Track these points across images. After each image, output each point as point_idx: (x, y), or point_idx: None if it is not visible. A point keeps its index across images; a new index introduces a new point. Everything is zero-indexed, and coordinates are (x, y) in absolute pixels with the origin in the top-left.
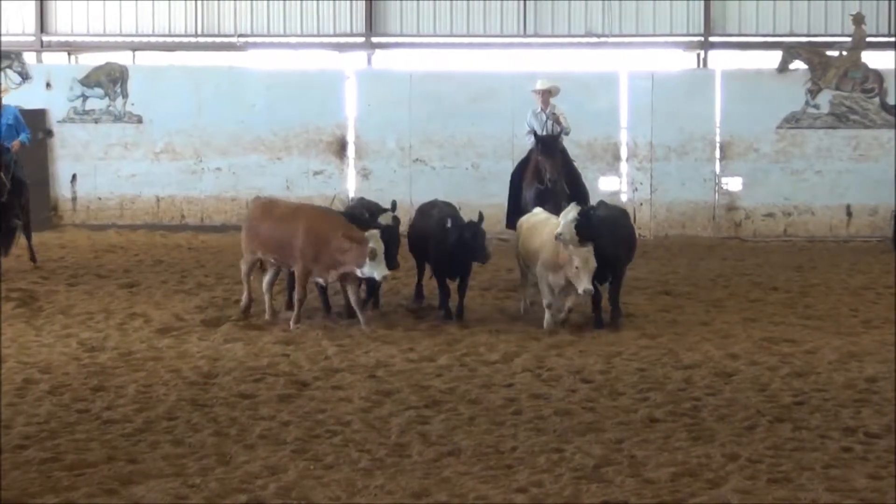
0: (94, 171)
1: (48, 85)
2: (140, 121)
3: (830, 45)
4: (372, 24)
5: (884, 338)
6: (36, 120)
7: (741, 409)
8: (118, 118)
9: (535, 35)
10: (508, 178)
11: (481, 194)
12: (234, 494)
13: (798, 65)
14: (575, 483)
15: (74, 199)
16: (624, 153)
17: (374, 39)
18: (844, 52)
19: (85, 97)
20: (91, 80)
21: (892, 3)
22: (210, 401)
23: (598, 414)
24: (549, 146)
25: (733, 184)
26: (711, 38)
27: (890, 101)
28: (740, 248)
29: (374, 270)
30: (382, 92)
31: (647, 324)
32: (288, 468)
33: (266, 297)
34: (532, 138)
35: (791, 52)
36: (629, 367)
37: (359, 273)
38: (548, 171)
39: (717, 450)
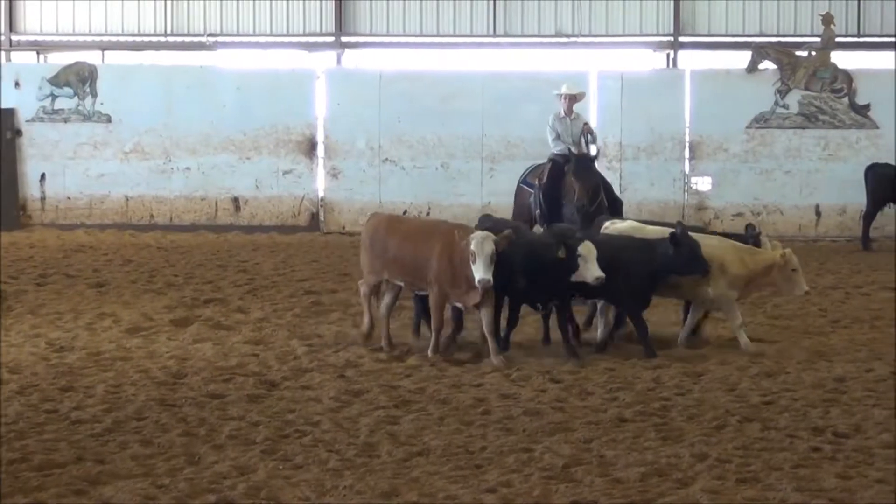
0: (63, 170)
1: (17, 84)
2: (109, 120)
3: (800, 46)
4: (342, 24)
5: (853, 337)
6: (4, 119)
7: (710, 408)
8: (87, 117)
9: (505, 35)
10: (480, 178)
11: (451, 194)
12: (203, 494)
13: (767, 65)
14: (544, 483)
15: (43, 198)
16: (592, 152)
17: (344, 39)
18: (814, 53)
19: (54, 96)
20: (60, 79)
21: (861, 3)
22: (179, 401)
23: (567, 414)
24: (582, 167)
25: (703, 183)
26: (681, 38)
27: (859, 101)
28: None
29: (475, 274)
30: (352, 91)
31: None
32: (257, 468)
33: (384, 323)
34: (557, 146)
35: (760, 52)
36: (598, 367)
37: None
38: (577, 195)
39: (687, 449)
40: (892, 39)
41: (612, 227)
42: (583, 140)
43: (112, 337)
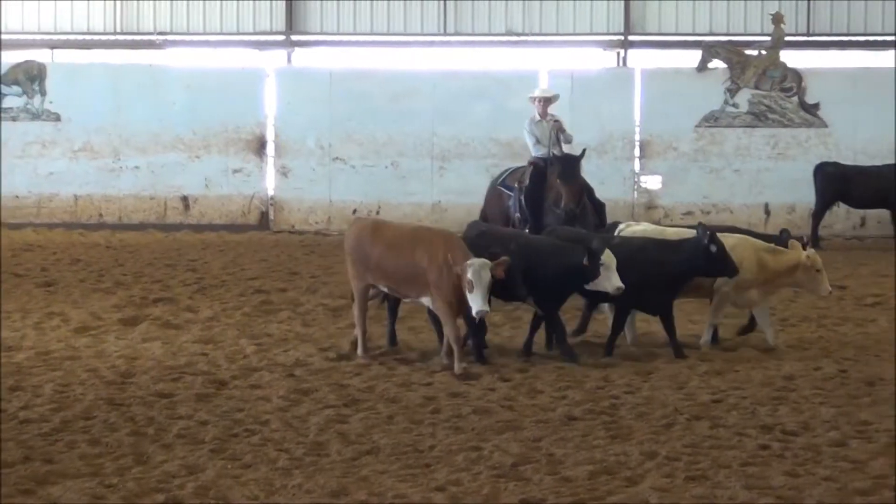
0: (12, 169)
1: None
2: (58, 119)
3: (749, 45)
4: (292, 23)
5: (801, 335)
6: None
7: (659, 406)
8: (36, 116)
9: (456, 34)
10: (430, 177)
11: (401, 193)
12: (151, 494)
13: (717, 64)
14: (493, 481)
15: None
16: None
17: (294, 37)
18: (763, 52)
19: (2, 95)
20: (9, 77)
21: (810, 3)
22: (127, 400)
23: (516, 412)
24: (568, 169)
25: (652, 182)
26: (631, 37)
27: (808, 100)
28: None
29: (472, 304)
30: (302, 90)
31: (567, 321)
32: (206, 467)
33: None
34: (538, 149)
35: (710, 51)
36: (547, 366)
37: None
38: (564, 198)
39: (635, 448)
40: (842, 38)
41: (627, 229)
42: (556, 139)
43: (60, 336)
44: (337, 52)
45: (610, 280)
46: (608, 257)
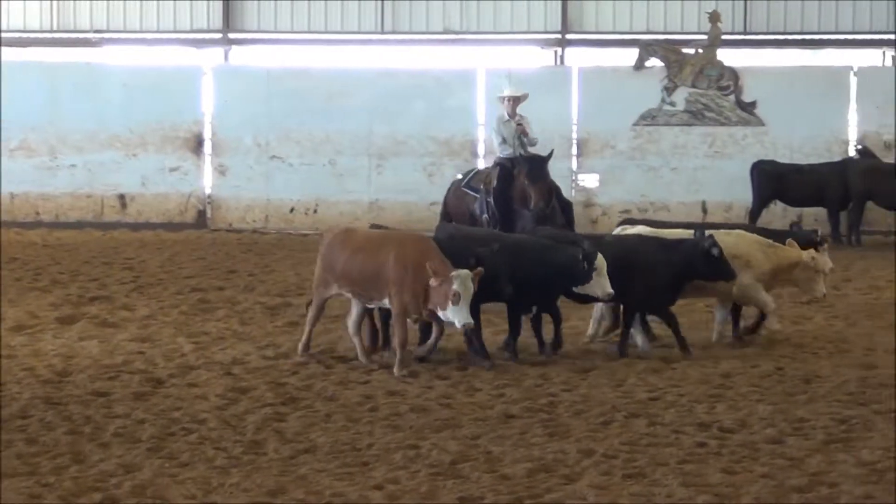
0: None
1: None
2: None
3: (687, 43)
4: (229, 21)
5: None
6: None
7: (597, 404)
8: None
9: (393, 32)
10: (367, 175)
11: (339, 191)
12: (88, 493)
13: (654, 62)
14: (431, 479)
15: None
16: (482, 150)
17: (231, 35)
18: (700, 50)
19: None
20: None
21: (747, 1)
22: (64, 399)
23: (454, 410)
24: (535, 170)
25: (590, 181)
26: (569, 36)
27: (745, 98)
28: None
29: (456, 317)
30: (240, 88)
31: (502, 321)
32: (143, 466)
33: (356, 340)
34: (504, 149)
35: (647, 49)
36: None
37: (440, 315)
38: (532, 199)
39: (573, 445)
40: (778, 37)
41: (623, 231)
42: (519, 141)
43: None
44: (274, 51)
45: (601, 284)
46: (600, 262)
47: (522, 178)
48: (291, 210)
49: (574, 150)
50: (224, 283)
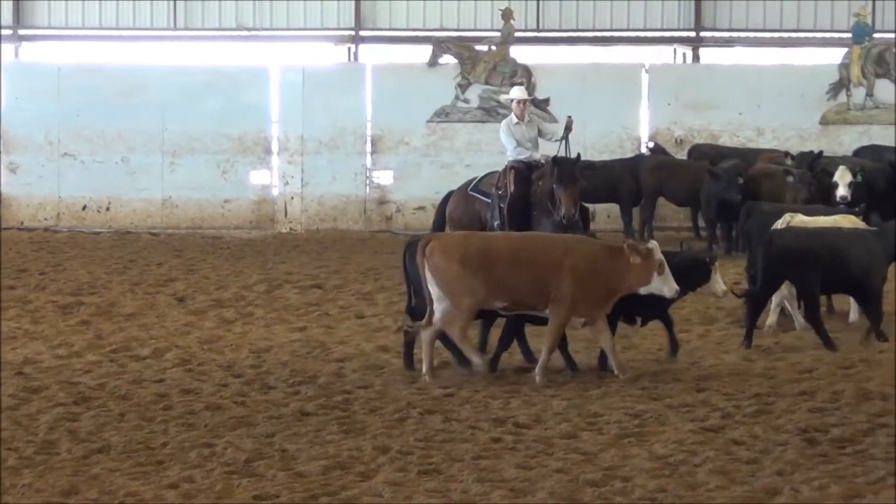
0: None
1: None
2: None
3: (480, 40)
4: (19, 16)
5: (531, 329)
6: None
7: (392, 401)
8: None
9: (186, 28)
10: (160, 172)
11: (131, 188)
12: None
13: (448, 59)
14: (226, 478)
15: None
16: (275, 147)
17: (22, 31)
18: (493, 47)
19: None
20: None
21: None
22: None
23: (248, 408)
24: (566, 172)
25: (384, 177)
26: (362, 32)
27: (538, 95)
28: (391, 242)
29: (664, 286)
30: (30, 85)
31: (298, 318)
32: None
33: (428, 350)
34: (520, 152)
35: (441, 46)
36: (280, 361)
37: (642, 291)
38: (563, 206)
39: (369, 442)
40: (571, 34)
41: (791, 220)
42: (532, 144)
43: None
44: (65, 47)
45: (718, 283)
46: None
47: (551, 181)
48: (84, 208)
49: (368, 147)
50: (15, 282)
